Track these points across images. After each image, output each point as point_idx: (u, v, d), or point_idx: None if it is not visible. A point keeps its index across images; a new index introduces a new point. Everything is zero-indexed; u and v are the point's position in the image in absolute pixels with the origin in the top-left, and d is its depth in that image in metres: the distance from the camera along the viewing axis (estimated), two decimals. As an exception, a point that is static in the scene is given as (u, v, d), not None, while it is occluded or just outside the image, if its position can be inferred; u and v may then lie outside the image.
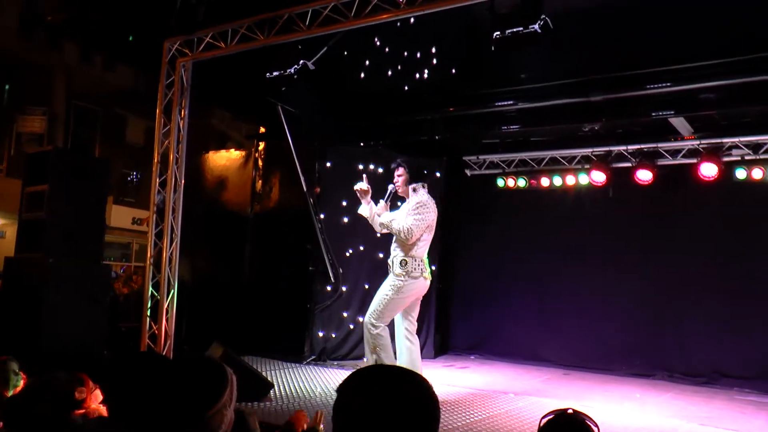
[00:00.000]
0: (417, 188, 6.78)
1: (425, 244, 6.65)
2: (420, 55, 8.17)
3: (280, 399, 6.71)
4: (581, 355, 9.49)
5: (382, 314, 6.50)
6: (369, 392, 1.52)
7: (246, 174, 10.55)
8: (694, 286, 8.90)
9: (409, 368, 5.35)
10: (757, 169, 8.46)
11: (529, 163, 10.24)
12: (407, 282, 6.50)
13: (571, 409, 2.39)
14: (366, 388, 1.53)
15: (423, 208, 6.58)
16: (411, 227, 6.45)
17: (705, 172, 8.58)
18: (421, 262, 6.57)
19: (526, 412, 6.56)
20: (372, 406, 1.49)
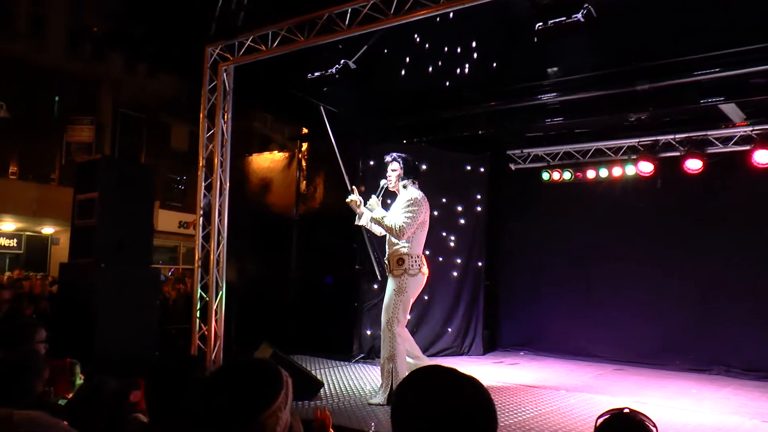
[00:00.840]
0: (407, 184, 6.66)
1: (421, 240, 6.59)
2: (460, 50, 8.10)
3: (330, 398, 6.72)
4: (633, 350, 9.31)
5: (398, 320, 6.39)
6: (428, 393, 1.55)
7: (290, 175, 10.61)
8: (749, 278, 8.65)
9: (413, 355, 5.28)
10: (812, 155, 8.20)
11: (574, 155, 10.09)
12: (407, 280, 6.43)
13: (628, 408, 2.34)
14: (425, 390, 1.56)
15: (414, 205, 6.47)
16: (403, 225, 6.37)
17: (758, 159, 8.33)
18: (418, 258, 6.50)
19: (579, 409, 6.46)
20: (431, 406, 1.51)
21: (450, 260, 9.92)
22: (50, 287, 11.36)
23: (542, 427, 5.69)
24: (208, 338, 7.75)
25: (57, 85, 20.15)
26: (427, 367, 1.67)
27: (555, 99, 8.45)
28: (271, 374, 1.92)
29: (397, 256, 6.47)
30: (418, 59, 8.24)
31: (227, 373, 1.95)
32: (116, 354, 6.86)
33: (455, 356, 9.74)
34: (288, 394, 1.96)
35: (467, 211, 10.10)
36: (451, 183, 9.97)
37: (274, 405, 1.85)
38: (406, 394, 1.59)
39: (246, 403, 1.81)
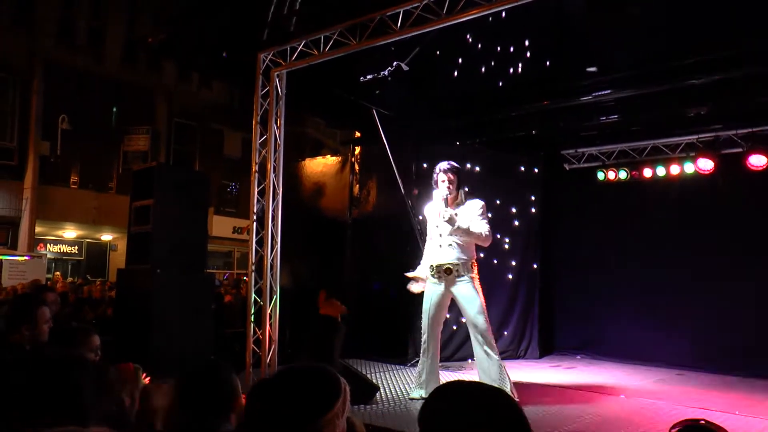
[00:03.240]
0: (466, 191, 6.80)
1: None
2: (513, 50, 8.01)
3: (386, 401, 6.69)
4: (695, 355, 9.02)
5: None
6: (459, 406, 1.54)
7: (343, 179, 10.63)
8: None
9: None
10: None
11: (630, 153, 9.86)
12: (478, 284, 6.58)
13: (704, 420, 2.23)
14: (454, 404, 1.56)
15: (486, 210, 6.72)
16: (489, 231, 6.59)
17: (826, 154, 8.03)
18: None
19: (641, 415, 6.28)
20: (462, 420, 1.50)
21: (505, 263, 9.81)
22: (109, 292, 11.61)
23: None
24: (262, 342, 7.79)
25: (114, 96, 20.68)
26: (457, 381, 1.67)
27: (609, 96, 8.27)
28: (329, 381, 1.90)
29: (470, 261, 6.56)
30: (471, 60, 8.17)
31: (286, 379, 1.92)
32: (172, 357, 6.94)
33: (511, 360, 9.57)
34: (345, 401, 1.93)
35: (521, 213, 9.98)
36: (505, 184, 9.86)
37: (332, 411, 1.82)
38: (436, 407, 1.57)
39: (304, 410, 1.78)
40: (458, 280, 6.50)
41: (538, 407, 6.53)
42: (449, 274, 6.50)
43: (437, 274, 6.57)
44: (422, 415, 1.59)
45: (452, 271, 6.50)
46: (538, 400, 6.88)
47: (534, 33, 7.81)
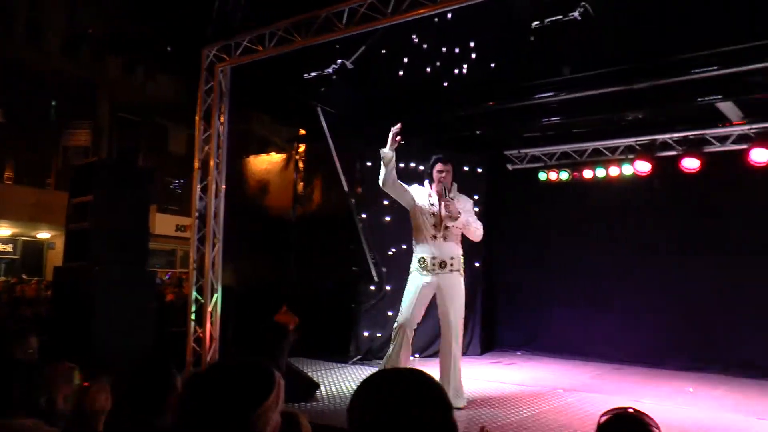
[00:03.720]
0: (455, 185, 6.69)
1: None
2: (458, 51, 8.07)
3: (326, 399, 6.70)
4: (631, 350, 9.28)
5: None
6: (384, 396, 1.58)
7: (287, 177, 10.59)
8: (746, 277, 8.62)
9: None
10: (811, 153, 8.19)
11: (572, 155, 10.06)
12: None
13: (633, 408, 2.31)
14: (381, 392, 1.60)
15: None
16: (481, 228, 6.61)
17: (756, 158, 8.28)
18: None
19: (577, 408, 6.44)
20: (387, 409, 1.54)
21: (448, 261, 9.87)
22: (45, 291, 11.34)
23: (539, 426, 5.69)
24: (203, 341, 7.71)
25: (54, 89, 20.14)
26: (384, 370, 1.72)
27: (552, 99, 8.42)
28: (261, 374, 1.90)
29: (461, 256, 6.58)
30: (417, 60, 8.21)
31: (218, 373, 1.92)
32: (112, 357, 6.81)
33: (453, 357, 9.70)
34: (279, 394, 1.93)
35: (465, 212, 10.07)
36: (450, 183, 9.91)
37: (265, 404, 1.82)
38: (364, 396, 1.61)
39: (236, 403, 1.78)
40: (449, 273, 6.47)
41: (476, 402, 6.64)
42: (443, 267, 6.45)
43: (430, 267, 6.45)
44: (351, 405, 1.61)
45: (447, 264, 6.45)
46: (477, 395, 6.99)
47: (479, 35, 7.88)
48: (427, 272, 6.44)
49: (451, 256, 6.47)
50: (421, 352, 9.47)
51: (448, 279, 6.45)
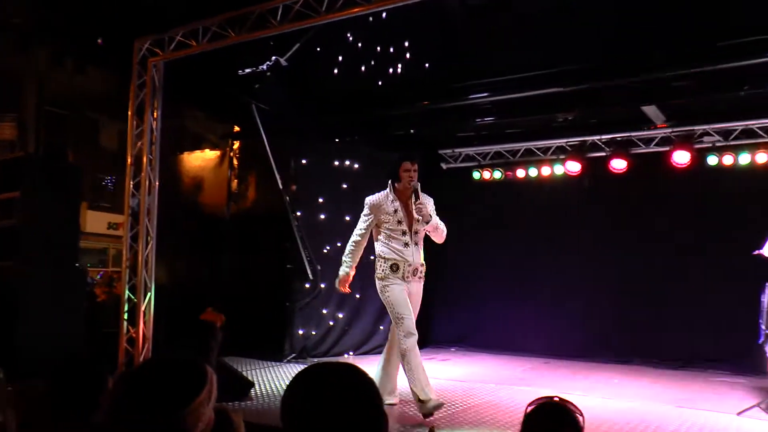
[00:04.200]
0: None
1: None
2: (393, 50, 8.15)
3: (260, 398, 6.68)
4: (561, 344, 9.55)
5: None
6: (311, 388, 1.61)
7: (222, 174, 10.47)
8: (669, 273, 9.00)
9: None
10: (727, 156, 8.58)
11: (505, 155, 10.26)
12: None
13: (557, 397, 2.40)
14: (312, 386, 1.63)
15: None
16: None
17: (677, 159, 8.65)
18: None
19: (508, 401, 6.60)
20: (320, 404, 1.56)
21: (381, 259, 9.94)
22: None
23: (470, 419, 5.82)
24: (136, 341, 7.59)
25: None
26: (316, 365, 1.71)
27: (486, 99, 8.58)
28: (193, 370, 1.90)
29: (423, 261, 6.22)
30: (351, 58, 8.25)
31: (148, 370, 1.92)
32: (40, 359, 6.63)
33: (387, 354, 9.79)
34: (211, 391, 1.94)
35: (399, 210, 10.15)
36: (384, 182, 9.95)
37: (197, 401, 1.83)
38: (295, 391, 1.63)
39: (166, 399, 1.78)
40: (420, 282, 6.23)
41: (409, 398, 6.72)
42: (415, 275, 6.11)
43: (403, 274, 6.04)
44: (283, 401, 1.63)
45: (418, 272, 6.13)
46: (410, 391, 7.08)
47: (414, 35, 7.97)
48: (398, 279, 6.05)
49: (421, 263, 6.19)
50: (355, 349, 9.54)
51: (417, 287, 6.21)
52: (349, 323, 9.54)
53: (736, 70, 7.09)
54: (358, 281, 9.65)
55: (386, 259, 6.12)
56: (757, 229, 6.66)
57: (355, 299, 9.56)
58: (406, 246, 6.08)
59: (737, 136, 8.62)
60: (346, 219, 9.52)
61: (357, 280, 9.66)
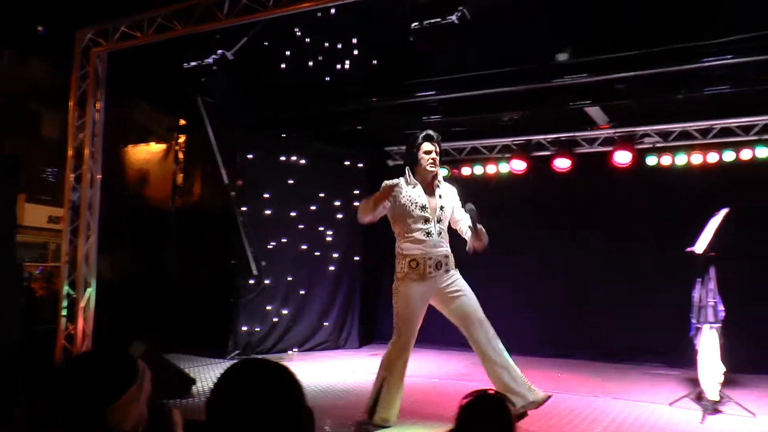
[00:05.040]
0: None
1: None
2: (341, 46, 8.14)
3: (202, 395, 6.62)
4: (507, 340, 9.57)
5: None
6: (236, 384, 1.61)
7: (167, 168, 10.34)
8: (611, 269, 9.20)
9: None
10: (666, 156, 8.81)
11: (451, 152, 10.33)
12: None
13: (492, 389, 2.44)
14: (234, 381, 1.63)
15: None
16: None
17: (619, 159, 8.85)
18: None
19: (450, 395, 6.66)
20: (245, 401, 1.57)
21: (327, 255, 9.95)
22: None
23: (412, 414, 5.89)
24: (75, 337, 7.43)
25: None
26: (243, 360, 1.73)
27: (433, 97, 8.64)
28: (122, 367, 1.88)
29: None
30: (299, 53, 8.21)
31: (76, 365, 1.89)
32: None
33: (332, 350, 9.81)
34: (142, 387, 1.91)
35: (345, 206, 10.14)
36: (330, 178, 10.01)
37: (124, 397, 1.81)
38: (221, 389, 1.63)
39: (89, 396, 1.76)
40: (448, 274, 5.58)
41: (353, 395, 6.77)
42: (439, 268, 5.50)
43: (424, 270, 5.46)
44: (209, 398, 1.63)
45: (442, 264, 5.51)
46: (354, 388, 7.13)
47: (362, 32, 7.97)
48: (417, 276, 5.49)
49: (445, 254, 5.56)
50: (299, 346, 9.53)
51: (450, 282, 5.58)
52: (293, 319, 9.52)
53: (674, 74, 7.30)
54: (304, 277, 9.70)
55: (404, 255, 5.53)
56: (691, 227, 6.84)
57: (300, 295, 9.57)
58: (428, 235, 5.45)
59: (675, 138, 8.87)
60: (292, 215, 9.54)
61: (303, 275, 9.72)
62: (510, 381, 5.47)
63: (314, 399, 6.18)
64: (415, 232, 5.48)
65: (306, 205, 9.73)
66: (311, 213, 9.77)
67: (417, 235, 5.47)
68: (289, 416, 1.58)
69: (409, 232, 5.51)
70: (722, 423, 5.96)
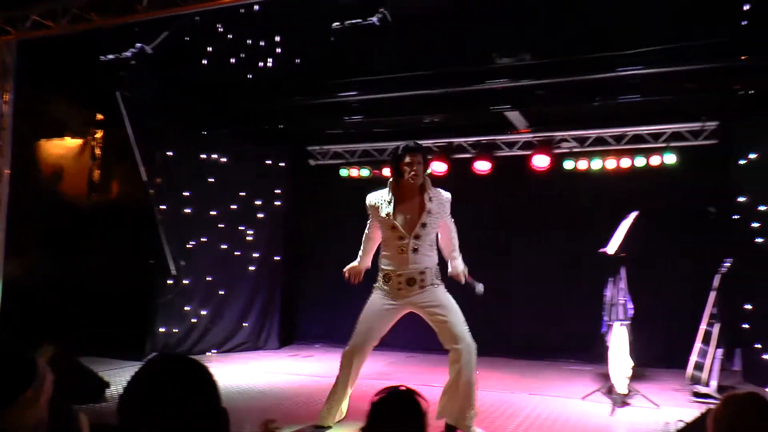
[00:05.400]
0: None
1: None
2: (264, 44, 8.06)
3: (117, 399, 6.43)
4: (423, 339, 9.64)
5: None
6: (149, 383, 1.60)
7: (83, 163, 10.02)
8: (528, 269, 9.46)
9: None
10: (582, 161, 9.08)
11: (373, 153, 10.35)
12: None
13: (404, 386, 2.47)
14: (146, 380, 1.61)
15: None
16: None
17: (537, 163, 9.07)
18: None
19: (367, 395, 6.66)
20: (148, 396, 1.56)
21: (247, 255, 9.83)
22: None
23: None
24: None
25: None
26: (158, 359, 1.70)
27: (355, 98, 8.66)
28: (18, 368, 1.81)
29: (437, 266, 5.54)
30: (221, 50, 8.09)
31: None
32: None
33: (251, 351, 9.71)
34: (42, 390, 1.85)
35: (267, 205, 10.07)
36: (252, 176, 9.91)
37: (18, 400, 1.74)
38: (134, 385, 1.61)
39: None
40: (424, 290, 5.40)
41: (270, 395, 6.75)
42: (412, 285, 5.37)
43: (394, 286, 5.42)
44: (120, 399, 1.58)
45: (416, 281, 5.36)
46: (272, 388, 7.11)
47: (285, 30, 7.92)
48: (387, 290, 5.50)
49: (421, 270, 5.36)
50: (218, 347, 9.40)
51: (424, 296, 5.43)
52: (212, 320, 9.38)
53: (591, 82, 7.55)
54: (224, 277, 9.57)
55: (380, 268, 5.53)
56: (604, 229, 7.10)
57: (219, 296, 9.43)
58: (400, 252, 5.34)
59: (591, 143, 9.16)
60: (212, 213, 9.40)
61: (223, 275, 9.58)
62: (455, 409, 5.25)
63: (232, 400, 6.20)
64: (390, 249, 5.44)
65: (227, 204, 9.61)
66: (232, 212, 9.65)
67: (391, 252, 5.42)
68: (203, 417, 1.56)
69: (386, 247, 5.49)
70: (630, 415, 6.28)
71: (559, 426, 5.87)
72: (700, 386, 6.91)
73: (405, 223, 5.35)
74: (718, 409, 2.40)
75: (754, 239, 7.70)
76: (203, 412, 1.57)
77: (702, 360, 7.05)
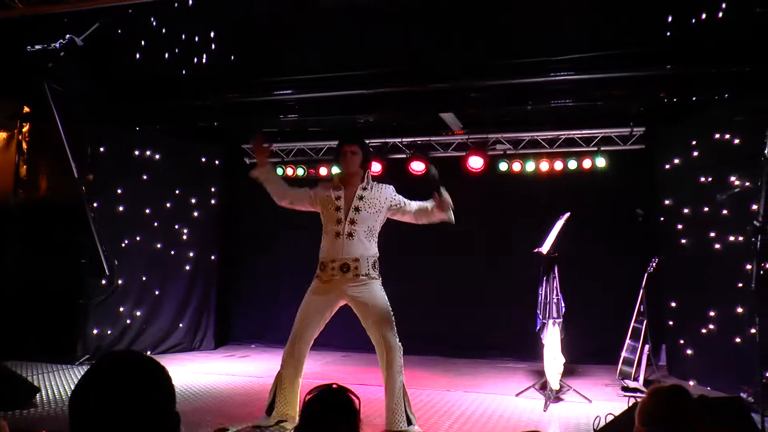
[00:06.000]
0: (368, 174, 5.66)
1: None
2: (199, 39, 7.95)
3: (48, 404, 6.27)
4: (360, 338, 9.72)
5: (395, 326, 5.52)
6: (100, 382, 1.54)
7: (9, 158, 9.64)
8: (463, 269, 9.63)
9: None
10: (516, 163, 9.28)
11: (308, 152, 10.35)
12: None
13: (336, 384, 2.51)
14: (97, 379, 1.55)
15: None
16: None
17: (472, 164, 9.24)
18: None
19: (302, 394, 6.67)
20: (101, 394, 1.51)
21: (182, 254, 9.73)
22: None
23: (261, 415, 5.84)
24: None
25: None
26: (109, 357, 1.65)
27: (290, 96, 8.61)
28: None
29: (375, 258, 5.48)
30: (155, 44, 7.94)
31: None
32: None
33: (186, 352, 9.61)
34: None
35: (201, 204, 9.97)
36: (186, 174, 9.79)
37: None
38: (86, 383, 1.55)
39: None
40: (357, 279, 5.33)
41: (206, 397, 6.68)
42: (345, 271, 5.29)
43: (329, 272, 5.34)
44: (71, 399, 1.55)
45: (350, 268, 5.30)
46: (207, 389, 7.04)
47: (221, 25, 7.83)
48: (322, 282, 5.45)
49: (354, 257, 5.31)
50: (153, 348, 9.24)
51: (360, 289, 5.38)
52: (147, 321, 9.23)
53: (524, 86, 7.71)
54: (158, 277, 9.42)
55: (319, 259, 5.48)
56: (538, 230, 7.29)
57: (154, 296, 9.29)
58: (336, 237, 5.34)
59: (525, 146, 9.37)
60: (146, 212, 9.25)
61: (157, 275, 9.44)
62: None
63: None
64: (327, 233, 5.46)
65: (161, 202, 9.45)
66: (166, 210, 9.50)
67: (328, 238, 5.44)
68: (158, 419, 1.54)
69: (324, 236, 5.50)
70: (562, 409, 6.49)
71: (494, 422, 6.00)
72: (629, 381, 7.22)
73: (342, 206, 5.42)
74: (644, 401, 2.65)
75: (678, 240, 8.05)
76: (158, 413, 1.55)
77: (631, 356, 7.37)
